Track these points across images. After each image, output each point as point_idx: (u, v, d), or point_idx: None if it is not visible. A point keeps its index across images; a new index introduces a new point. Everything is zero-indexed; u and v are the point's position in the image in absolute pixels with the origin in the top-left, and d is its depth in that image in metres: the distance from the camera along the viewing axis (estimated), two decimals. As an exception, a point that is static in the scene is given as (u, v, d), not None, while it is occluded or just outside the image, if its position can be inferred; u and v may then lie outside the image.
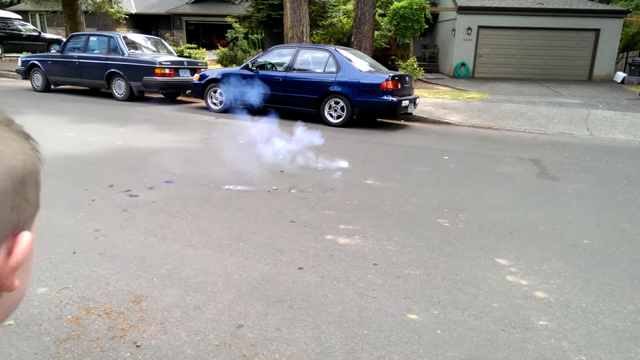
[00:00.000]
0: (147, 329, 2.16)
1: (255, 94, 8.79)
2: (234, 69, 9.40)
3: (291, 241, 3.22)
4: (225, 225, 3.45)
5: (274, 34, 16.01)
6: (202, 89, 9.16)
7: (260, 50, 17.04)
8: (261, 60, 8.97)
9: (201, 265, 2.81)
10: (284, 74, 8.56)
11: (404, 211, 3.91)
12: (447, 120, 9.16)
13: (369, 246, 3.18)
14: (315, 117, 8.40)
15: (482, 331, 2.26)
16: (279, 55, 8.97)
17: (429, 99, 11.39)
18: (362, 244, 3.22)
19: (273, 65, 8.86)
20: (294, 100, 8.46)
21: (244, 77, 8.81)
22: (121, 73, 9.58)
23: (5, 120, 0.42)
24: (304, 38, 12.36)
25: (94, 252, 2.88)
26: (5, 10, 23.06)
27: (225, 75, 9.04)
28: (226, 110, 8.98)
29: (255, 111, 9.09)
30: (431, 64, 19.86)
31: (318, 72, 8.37)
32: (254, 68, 8.82)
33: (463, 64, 17.67)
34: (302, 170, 5.07)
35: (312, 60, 8.63)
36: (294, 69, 8.56)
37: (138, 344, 2.06)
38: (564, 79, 17.06)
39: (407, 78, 8.50)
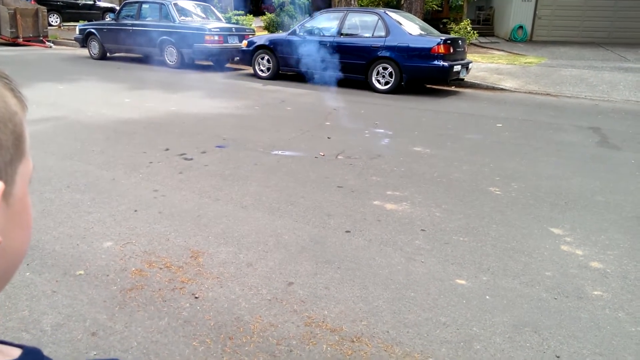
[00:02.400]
0: (205, 282, 2.30)
1: (302, 59, 8.75)
2: (282, 35, 9.36)
3: (338, 205, 3.26)
4: (274, 188, 3.54)
5: (322, -1, 15.70)
6: (250, 55, 9.21)
7: (308, 15, 16.80)
8: (308, 25, 8.86)
9: (253, 225, 2.92)
10: (331, 39, 8.43)
11: (453, 179, 3.84)
12: (501, 86, 8.76)
13: (417, 212, 3.17)
14: (362, 84, 8.28)
15: (532, 299, 2.23)
16: (326, 20, 8.82)
17: (482, 63, 10.89)
18: (410, 210, 3.21)
19: (320, 30, 8.74)
20: (341, 66, 8.35)
21: (292, 43, 8.76)
22: (172, 40, 9.78)
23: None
24: (352, 1, 12.05)
25: (153, 211, 3.06)
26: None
27: (273, 42, 9.02)
28: (274, 76, 9.01)
29: (302, 77, 9.07)
30: (486, 27, 18.85)
31: (366, 37, 8.18)
32: (302, 33, 8.74)
33: (520, 27, 16.65)
34: (349, 137, 5.05)
35: (360, 25, 8.43)
36: (341, 34, 8.40)
37: (196, 296, 2.20)
38: (632, 42, 15.73)
39: (459, 42, 8.14)
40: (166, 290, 2.24)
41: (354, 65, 8.19)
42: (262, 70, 9.18)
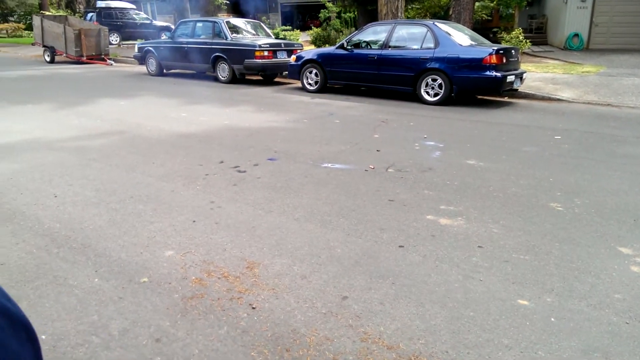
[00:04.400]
0: (261, 293, 2.34)
1: (349, 73, 8.82)
2: (329, 49, 9.48)
3: (390, 219, 3.23)
4: (325, 201, 3.56)
5: (368, 12, 15.78)
6: (298, 69, 9.38)
7: (353, 29, 16.92)
8: (356, 38, 8.92)
9: (305, 238, 2.94)
10: (379, 51, 8.44)
11: (510, 193, 3.71)
12: (558, 97, 8.42)
13: (473, 228, 3.09)
14: (410, 96, 8.21)
15: (602, 322, 2.10)
16: (374, 33, 8.85)
17: (536, 73, 10.52)
18: (465, 225, 3.13)
19: (368, 44, 8.78)
20: (389, 79, 8.33)
21: (339, 56, 8.85)
22: (225, 57, 10.14)
23: None
24: (399, 14, 12.02)
25: (210, 222, 3.16)
26: (122, 1, 25.40)
27: (321, 56, 9.15)
28: (321, 90, 9.12)
29: (349, 90, 9.12)
30: (538, 35, 18.24)
31: (415, 49, 8.12)
32: (349, 47, 8.81)
33: (576, 35, 15.99)
34: (398, 150, 5.02)
35: (409, 37, 8.39)
36: (389, 46, 8.40)
37: (253, 306, 2.24)
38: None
39: (512, 51, 7.93)
40: (225, 299, 2.29)
41: (402, 77, 8.15)
42: (310, 84, 9.32)
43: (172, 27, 19.55)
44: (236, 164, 4.43)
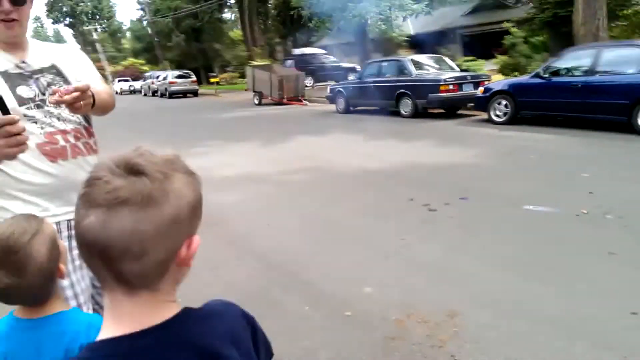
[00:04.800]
0: (464, 345, 2.23)
1: (546, 102, 8.06)
2: (522, 78, 8.87)
3: (612, 278, 2.77)
4: (528, 249, 3.26)
5: (560, 34, 14.27)
6: (486, 101, 8.98)
7: (545, 54, 15.50)
8: (555, 65, 8.14)
9: (509, 289, 2.72)
10: (583, 78, 7.52)
11: None
12: None
13: None
14: (622, 126, 7.06)
15: None
16: (574, 59, 7.97)
17: None
18: None
19: (568, 70, 7.91)
20: (595, 107, 7.32)
21: (535, 85, 8.18)
22: (408, 92, 10.37)
23: (183, 168, 0.61)
24: (600, 34, 10.58)
25: (404, 260, 3.19)
26: (313, 47, 28.36)
27: (513, 86, 8.61)
28: (510, 121, 8.54)
29: (542, 121, 8.32)
30: None
31: (630, 73, 7.00)
32: (546, 75, 8.08)
33: None
34: (617, 191, 4.32)
35: (620, 60, 7.29)
36: (595, 72, 7.41)
37: (456, 358, 2.15)
38: None
39: None
40: (425, 345, 2.26)
41: (613, 106, 7.07)
42: (498, 116, 8.82)
43: (357, 67, 20.94)
44: (426, 202, 4.41)
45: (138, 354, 0.59)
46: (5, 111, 1.13)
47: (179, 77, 26.94)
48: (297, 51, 24.51)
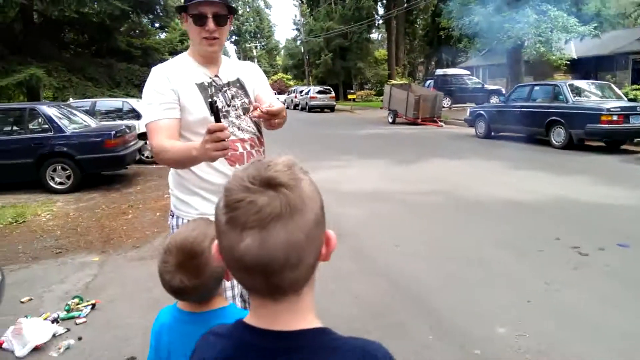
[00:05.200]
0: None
1: None
2: None
3: None
4: None
5: None
6: (661, 137, 7.72)
7: None
8: None
9: (682, 362, 2.28)
10: None
11: None
12: None
13: None
14: None
15: None
16: None
17: None
18: None
19: None
20: None
21: None
22: (562, 121, 9.41)
23: (301, 169, 0.63)
24: None
25: (547, 306, 2.88)
26: (457, 67, 27.49)
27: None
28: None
29: None
30: None
31: None
32: None
33: None
34: None
35: None
36: None
37: None
38: None
39: None
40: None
41: None
42: (676, 155, 7.50)
43: (503, 90, 19.71)
44: (575, 244, 3.93)
45: (274, 347, 0.61)
46: (218, 119, 1.30)
47: (320, 92, 28.38)
48: (439, 71, 24.02)
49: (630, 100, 10.90)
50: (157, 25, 20.64)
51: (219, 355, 0.65)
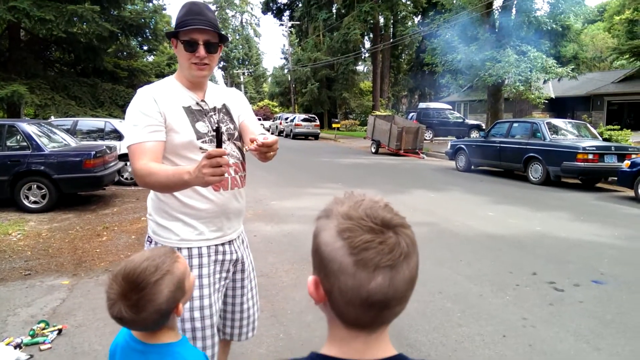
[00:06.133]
0: None
1: None
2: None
3: None
4: (683, 357, 2.72)
5: None
6: (633, 177, 7.97)
7: None
8: None
9: (654, 402, 2.28)
10: None
11: None
12: None
13: None
14: None
15: None
16: None
17: None
18: None
19: None
20: None
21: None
22: (539, 157, 9.67)
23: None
24: None
25: (523, 342, 2.87)
26: (439, 102, 28.19)
27: (670, 163, 7.53)
28: (665, 204, 7.42)
29: None
30: None
31: None
32: None
33: None
34: None
35: None
36: None
37: None
38: None
39: None
40: None
41: None
42: (648, 195, 7.73)
43: (483, 125, 20.22)
44: (552, 279, 3.97)
45: None
46: (220, 144, 1.29)
47: (304, 120, 28.66)
48: (422, 105, 24.56)
49: (604, 140, 11.30)
50: (145, 48, 20.72)
51: None
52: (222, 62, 68.10)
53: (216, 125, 1.39)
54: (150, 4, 18.63)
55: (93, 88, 15.16)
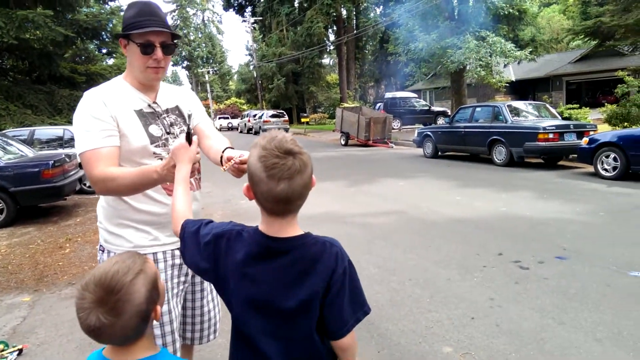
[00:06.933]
0: None
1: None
2: (636, 130, 8.04)
3: None
4: (637, 322, 2.83)
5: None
6: (591, 153, 8.25)
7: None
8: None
9: (615, 369, 2.37)
10: None
11: None
12: None
13: None
14: None
15: None
16: None
17: None
18: None
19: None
20: None
21: (651, 138, 7.37)
22: (502, 140, 9.90)
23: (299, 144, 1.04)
24: None
25: (490, 322, 2.93)
26: (405, 90, 28.50)
27: (623, 138, 7.82)
28: (621, 177, 7.71)
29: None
30: None
31: None
32: (666, 127, 7.25)
33: None
34: None
35: None
36: None
37: None
38: None
39: None
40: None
41: None
42: (605, 170, 8.03)
43: (449, 111, 20.56)
44: (517, 259, 4.07)
45: (281, 247, 1.07)
46: (189, 142, 1.34)
47: (273, 116, 28.51)
48: (388, 94, 24.78)
49: (564, 119, 11.67)
50: (104, 51, 20.09)
51: (247, 249, 1.09)
52: (185, 62, 66.83)
53: (187, 129, 1.33)
54: (107, 6, 18.05)
55: (50, 95, 14.62)
